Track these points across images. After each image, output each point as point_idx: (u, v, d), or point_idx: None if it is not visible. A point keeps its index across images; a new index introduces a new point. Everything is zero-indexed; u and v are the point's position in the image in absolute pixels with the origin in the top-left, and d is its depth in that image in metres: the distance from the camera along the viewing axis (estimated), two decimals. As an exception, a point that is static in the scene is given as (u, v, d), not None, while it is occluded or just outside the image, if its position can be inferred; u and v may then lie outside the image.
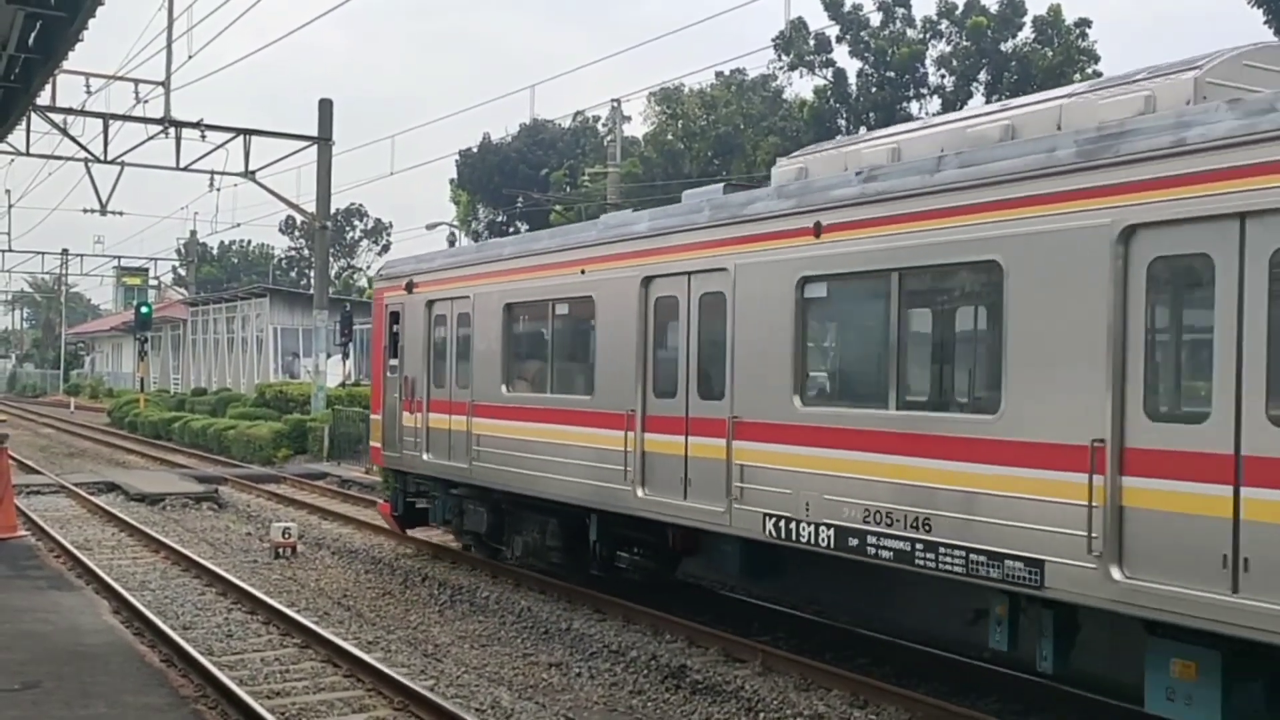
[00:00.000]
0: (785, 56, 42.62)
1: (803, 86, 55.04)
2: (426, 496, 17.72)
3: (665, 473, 12.03)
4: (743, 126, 45.99)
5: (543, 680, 11.36)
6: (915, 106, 41.27)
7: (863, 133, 12.94)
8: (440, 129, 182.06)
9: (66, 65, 15.97)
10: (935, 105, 40.44)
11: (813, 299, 10.57)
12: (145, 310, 48.82)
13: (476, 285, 15.64)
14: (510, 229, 57.89)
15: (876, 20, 41.47)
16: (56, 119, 31.46)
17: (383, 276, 19.19)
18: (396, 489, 18.42)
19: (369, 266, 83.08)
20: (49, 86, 27.09)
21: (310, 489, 26.79)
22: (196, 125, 32.52)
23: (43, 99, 25.40)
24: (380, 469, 21.05)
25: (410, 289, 17.38)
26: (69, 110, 31.80)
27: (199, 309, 66.44)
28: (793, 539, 10.36)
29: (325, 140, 34.29)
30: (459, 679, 11.19)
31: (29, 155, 34.05)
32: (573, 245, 13.90)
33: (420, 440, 16.78)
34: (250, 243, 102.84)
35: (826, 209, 10.20)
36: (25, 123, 28.71)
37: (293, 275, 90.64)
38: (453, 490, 16.78)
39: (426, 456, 16.66)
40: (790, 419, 10.50)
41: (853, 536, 9.75)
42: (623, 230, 13.12)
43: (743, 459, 10.97)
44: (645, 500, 12.33)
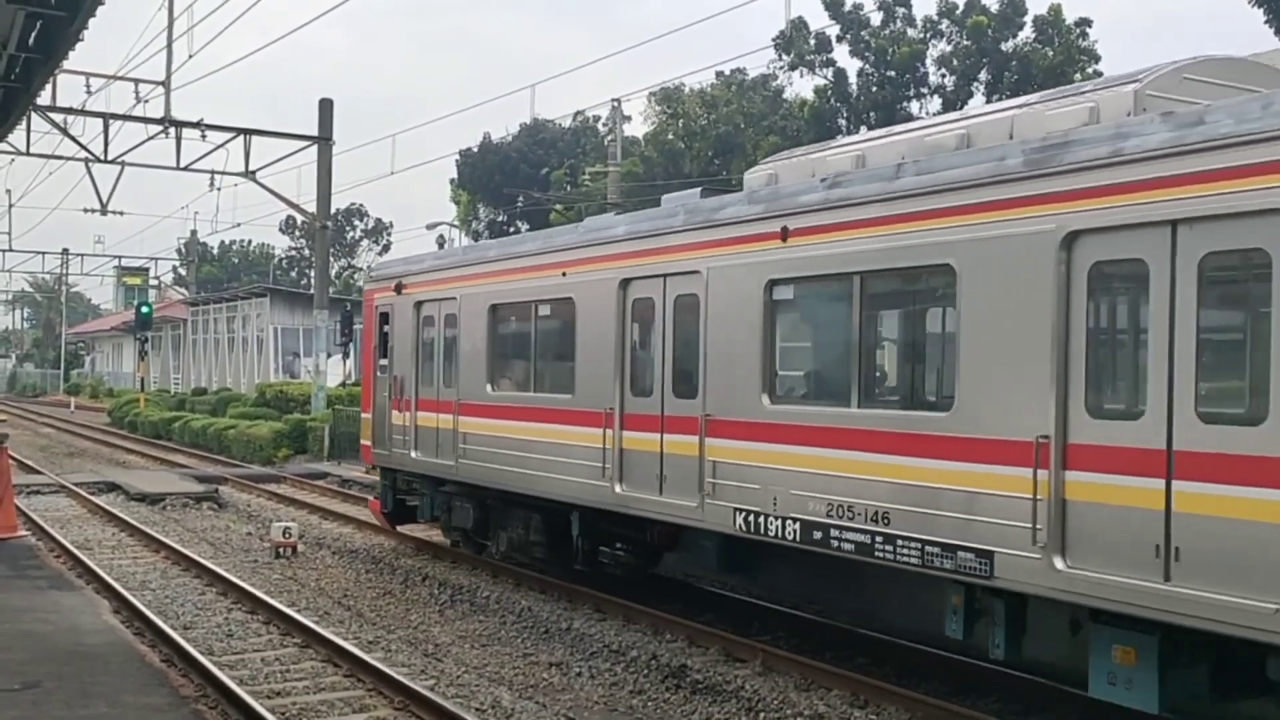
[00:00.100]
0: (786, 56, 42.63)
1: (803, 86, 54.99)
2: (415, 494, 18.03)
3: (642, 469, 12.35)
4: (743, 126, 46.01)
5: (543, 680, 11.37)
6: (916, 106, 41.30)
7: (839, 138, 13.26)
8: (440, 129, 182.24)
9: (67, 65, 15.98)
10: (936, 105, 40.45)
11: (780, 301, 10.94)
12: (146, 310, 48.84)
13: (463, 287, 15.96)
14: (511, 229, 57.89)
15: (877, 20, 41.49)
16: (57, 119, 31.46)
17: (372, 278, 19.47)
18: (386, 486, 18.73)
19: (369, 266, 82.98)
20: (49, 86, 27.08)
21: (310, 489, 26.80)
22: (197, 125, 32.52)
23: (43, 99, 25.39)
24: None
25: (399, 290, 17.67)
26: (69, 110, 31.83)
27: (199, 309, 66.49)
28: (762, 533, 10.67)
29: (325, 140, 34.29)
30: (459, 679, 11.20)
31: (29, 155, 34.07)
32: (554, 248, 14.24)
33: (409, 438, 17.09)
34: (250, 242, 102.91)
35: (793, 214, 10.52)
36: (25, 122, 28.68)
37: (293, 275, 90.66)
38: (441, 487, 17.08)
39: (415, 454, 16.97)
40: (759, 417, 10.82)
41: (817, 530, 10.09)
42: (602, 234, 13.42)
43: (715, 456, 11.29)
44: (623, 496, 12.64)
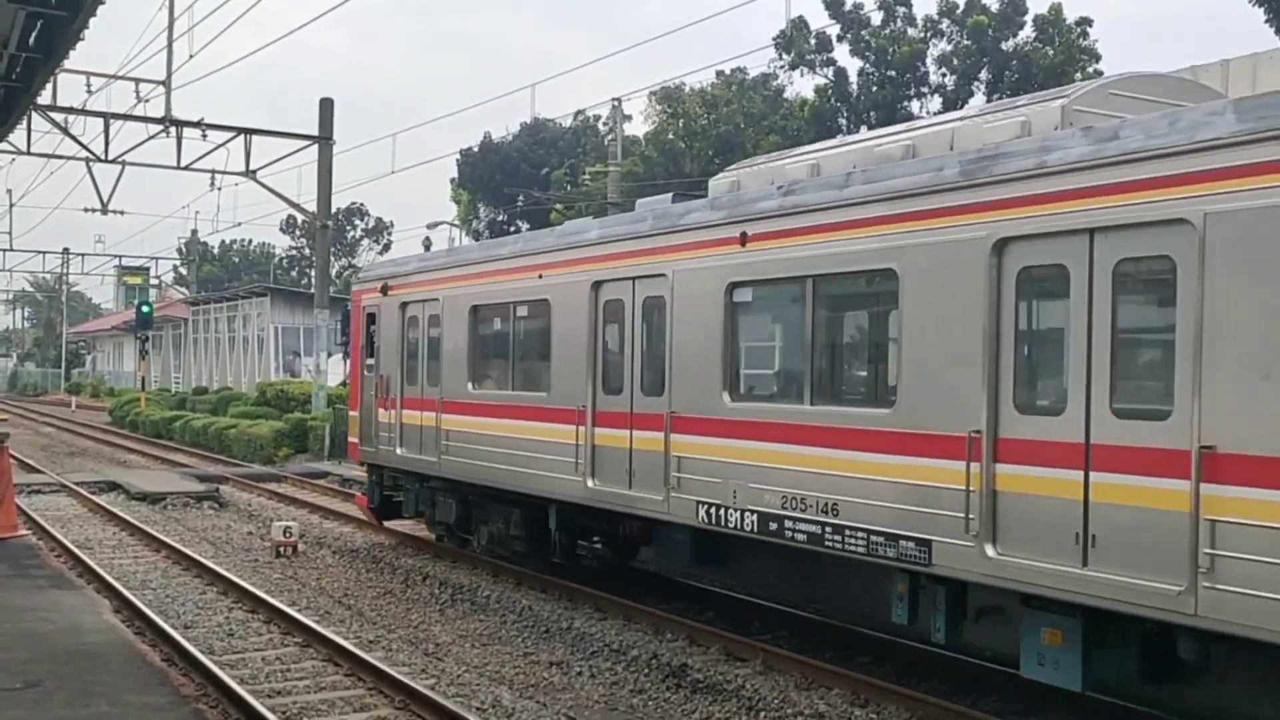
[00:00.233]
0: (786, 55, 42.65)
1: (804, 85, 54.96)
2: (401, 490, 18.60)
3: (613, 464, 12.89)
4: (743, 125, 46.02)
5: (544, 679, 11.39)
6: (916, 105, 41.33)
7: (796, 148, 13.69)
8: (441, 128, 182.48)
9: (67, 64, 16.01)
10: (936, 104, 40.48)
11: (740, 303, 11.47)
12: (146, 309, 48.81)
13: (446, 288, 16.51)
14: (511, 228, 57.98)
15: (877, 19, 41.51)
16: (57, 118, 31.46)
17: (360, 279, 20.10)
18: (373, 483, 19.25)
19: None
20: (50, 86, 27.14)
21: (311, 488, 26.83)
22: (197, 124, 32.49)
23: (44, 98, 25.47)
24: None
25: (385, 291, 18.23)
26: (70, 109, 31.82)
27: (200, 308, 66.59)
28: (723, 525, 11.23)
29: (326, 139, 34.30)
30: (460, 678, 11.23)
31: (30, 154, 34.08)
32: (532, 251, 14.78)
33: (394, 436, 17.63)
34: (251, 242, 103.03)
35: (751, 220, 11.07)
36: (26, 122, 28.70)
37: (293, 274, 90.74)
38: (425, 483, 17.62)
39: (400, 451, 17.50)
40: (720, 414, 11.36)
41: (773, 521, 10.63)
42: (576, 238, 13.95)
43: (680, 451, 11.85)
44: (595, 491, 13.16)
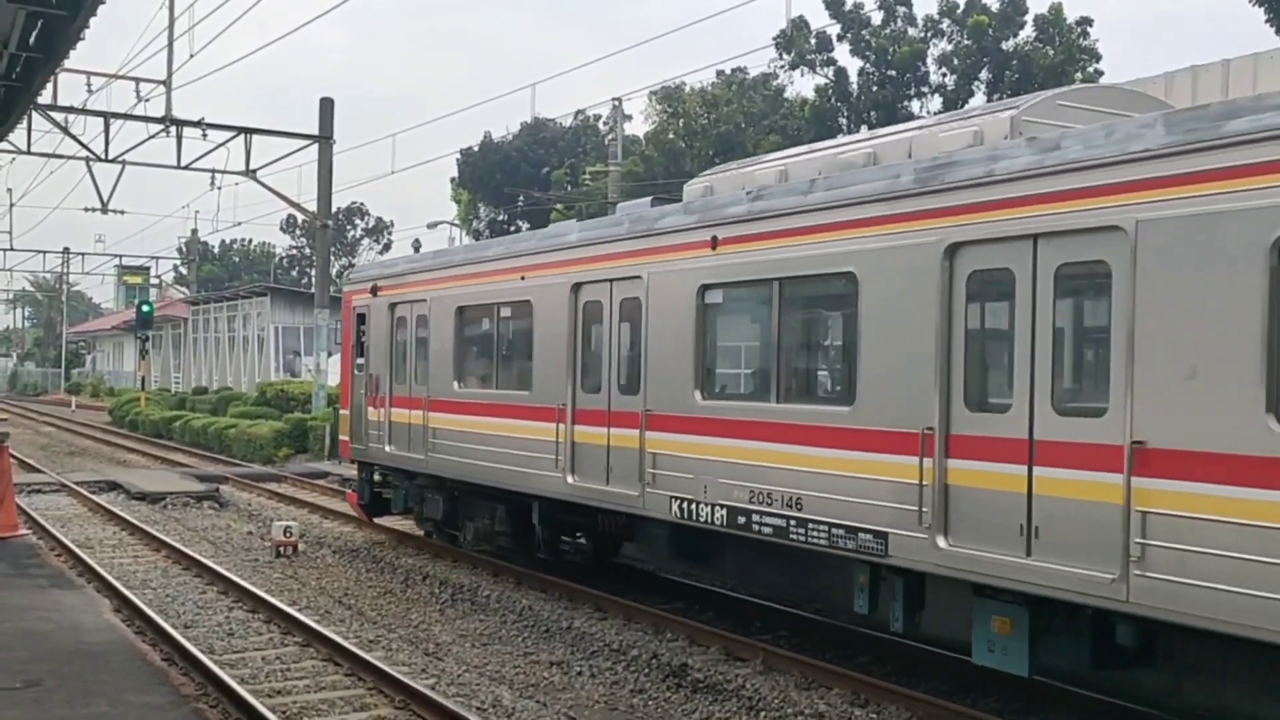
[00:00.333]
0: (786, 55, 42.72)
1: (804, 85, 55.00)
2: (390, 487, 19.02)
3: (592, 461, 13.31)
4: (744, 125, 46.08)
5: (544, 679, 11.41)
6: (917, 105, 41.41)
7: (767, 155, 13.98)
8: (441, 128, 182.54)
9: (68, 64, 16.04)
10: (937, 104, 40.56)
11: (711, 304, 11.91)
12: (146, 309, 48.83)
13: (433, 289, 16.95)
14: (512, 228, 58.12)
15: (878, 19, 41.60)
16: (58, 118, 31.48)
17: (350, 281, 20.55)
18: (363, 480, 19.69)
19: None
20: (50, 85, 27.16)
21: (311, 488, 26.85)
22: (198, 124, 32.52)
23: (44, 98, 25.51)
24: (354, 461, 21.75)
25: (375, 292, 18.67)
26: (70, 109, 31.87)
27: (200, 308, 66.67)
28: (695, 519, 11.67)
29: (326, 139, 34.29)
30: (460, 678, 11.25)
31: (30, 154, 34.08)
32: (515, 254, 15.25)
33: (383, 433, 18.09)
34: (251, 241, 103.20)
35: (721, 224, 11.52)
36: (26, 121, 28.74)
37: (294, 274, 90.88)
38: (413, 480, 18.06)
39: (389, 449, 17.93)
40: (692, 411, 11.81)
41: (741, 515, 11.07)
42: (557, 240, 14.45)
43: (654, 448, 12.27)
44: (574, 486, 13.58)
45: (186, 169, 33.90)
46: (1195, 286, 7.51)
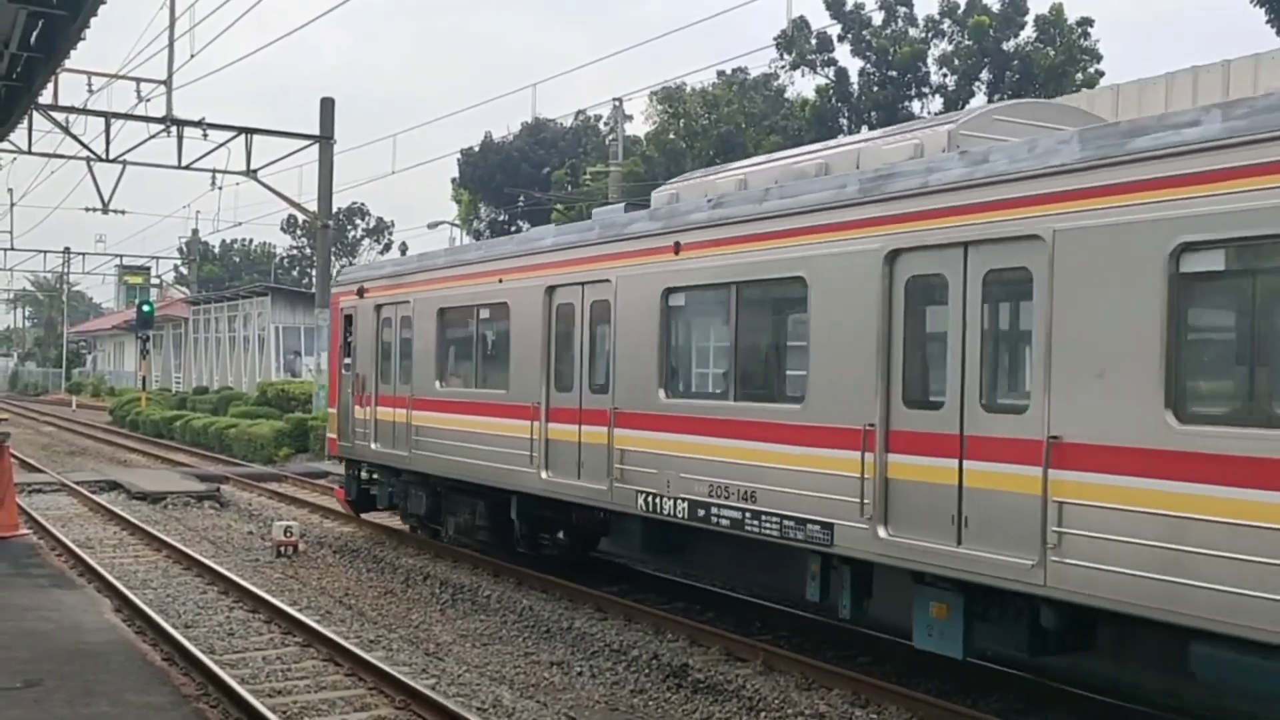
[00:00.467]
0: (787, 55, 42.85)
1: (805, 85, 55.04)
2: (377, 483, 19.56)
3: (564, 457, 13.90)
4: (745, 126, 46.13)
5: (544, 679, 11.44)
6: (917, 106, 41.54)
7: (729, 164, 14.33)
8: (441, 128, 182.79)
9: (68, 64, 16.07)
10: (937, 104, 40.68)
11: (674, 307, 12.51)
12: (147, 309, 48.89)
13: (416, 291, 17.52)
14: (513, 228, 58.18)
15: (878, 19, 41.74)
16: (58, 118, 31.66)
17: (338, 283, 21.23)
18: (351, 476, 20.25)
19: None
20: (51, 85, 27.19)
21: (312, 488, 26.89)
22: (198, 124, 32.63)
23: (45, 98, 25.59)
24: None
25: (362, 294, 19.25)
26: (71, 109, 32.02)
27: (201, 308, 66.81)
28: (659, 512, 12.23)
29: (327, 139, 34.31)
30: (460, 678, 11.29)
31: (31, 154, 34.21)
32: (493, 257, 15.83)
33: (369, 431, 18.67)
34: (252, 241, 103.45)
35: (684, 230, 12.10)
36: (27, 121, 28.75)
37: (294, 274, 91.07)
38: (397, 477, 18.67)
39: (375, 446, 18.51)
40: (656, 409, 12.39)
41: (701, 508, 11.64)
42: (532, 245, 15.04)
43: (622, 444, 12.83)
44: (548, 482, 14.16)
45: (187, 169, 33.95)
46: (1104, 292, 8.10)
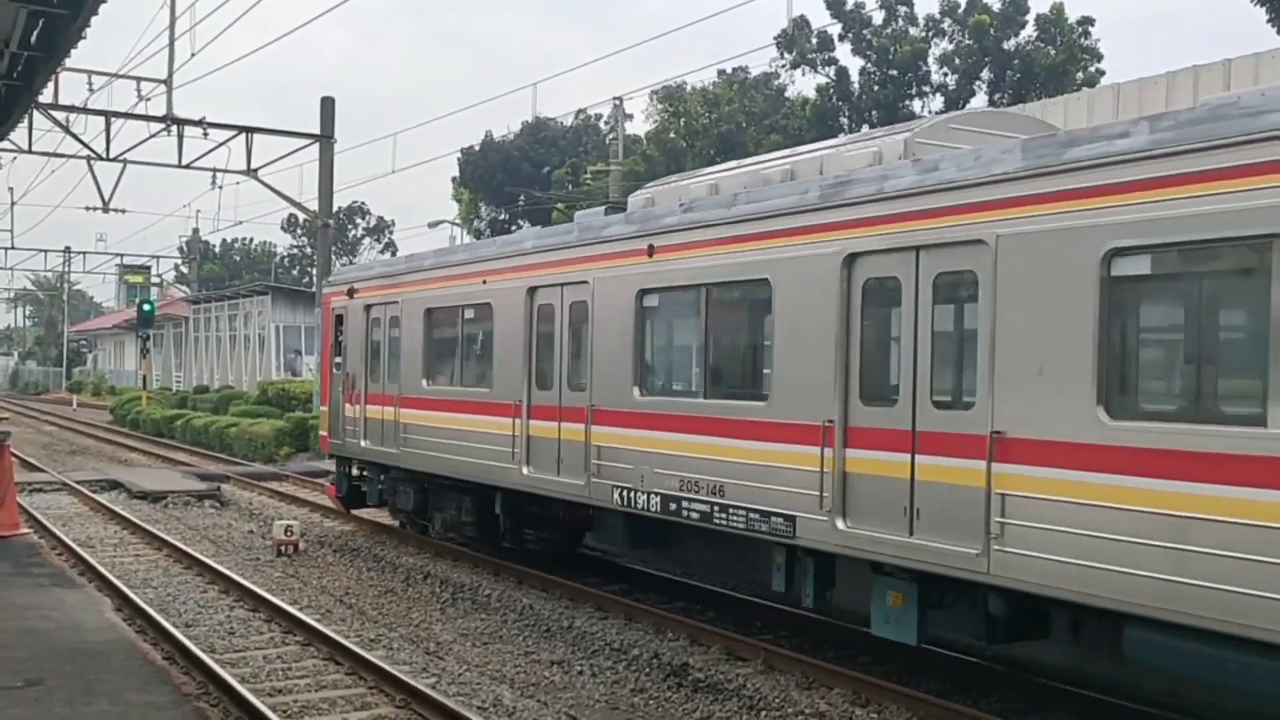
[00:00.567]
0: (788, 55, 42.98)
1: (805, 85, 55.00)
2: (366, 480, 20.03)
3: (545, 454, 14.32)
4: (745, 125, 46.19)
5: (544, 678, 11.47)
6: (918, 105, 41.67)
7: (702, 169, 15.02)
8: (442, 127, 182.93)
9: (69, 63, 16.09)
10: (938, 104, 40.79)
11: (648, 308, 12.97)
12: (147, 308, 49.02)
13: (404, 292, 18.02)
14: (513, 227, 58.21)
15: (879, 18, 41.84)
16: (59, 117, 31.79)
17: (329, 283, 21.73)
18: (341, 473, 20.78)
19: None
20: (51, 84, 27.23)
21: (312, 487, 26.91)
22: (199, 123, 32.73)
23: (45, 97, 25.59)
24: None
25: (352, 295, 19.74)
26: (71, 108, 32.12)
27: (201, 307, 66.91)
28: (634, 506, 12.67)
29: (327, 138, 34.32)
30: (461, 677, 11.33)
31: (31, 153, 34.34)
32: (477, 259, 16.28)
33: (359, 429, 19.15)
34: (252, 240, 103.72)
35: (657, 234, 12.56)
36: (28, 120, 28.79)
37: (295, 273, 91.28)
38: (386, 473, 19.16)
39: (364, 443, 19.01)
40: (631, 407, 12.84)
41: (673, 502, 12.09)
42: (515, 247, 15.54)
43: (599, 440, 13.26)
44: (529, 478, 14.59)
45: (188, 168, 34.02)
46: (1043, 294, 8.59)
